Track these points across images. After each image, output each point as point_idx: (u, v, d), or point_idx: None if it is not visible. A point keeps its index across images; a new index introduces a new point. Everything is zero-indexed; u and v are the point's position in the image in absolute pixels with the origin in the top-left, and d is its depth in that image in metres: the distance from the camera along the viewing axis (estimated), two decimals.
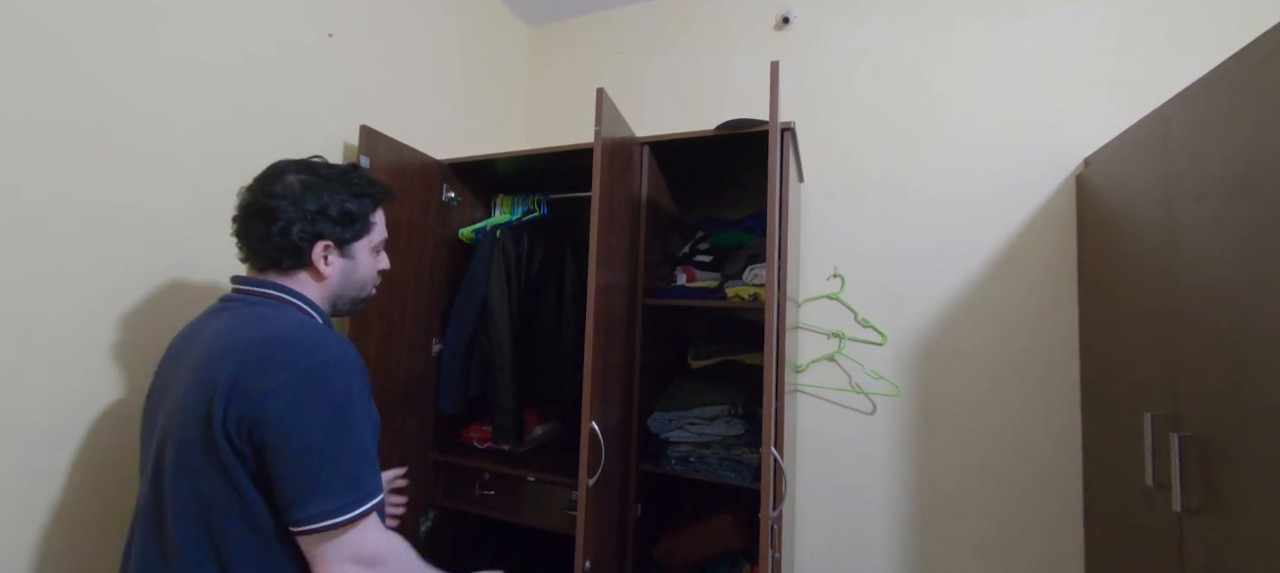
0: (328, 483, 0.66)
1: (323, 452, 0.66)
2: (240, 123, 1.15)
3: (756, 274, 1.33)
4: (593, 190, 1.10)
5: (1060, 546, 1.37)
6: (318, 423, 0.66)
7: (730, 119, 1.29)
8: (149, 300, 1.00)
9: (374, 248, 0.87)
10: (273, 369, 0.67)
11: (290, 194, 0.77)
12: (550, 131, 2.13)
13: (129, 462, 0.98)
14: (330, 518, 0.65)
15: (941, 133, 1.54)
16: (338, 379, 0.69)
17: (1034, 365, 1.43)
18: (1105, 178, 1.29)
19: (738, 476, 1.25)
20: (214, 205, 1.10)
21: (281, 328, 0.73)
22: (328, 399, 0.67)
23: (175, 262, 1.05)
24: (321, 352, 0.70)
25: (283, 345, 0.69)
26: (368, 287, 0.88)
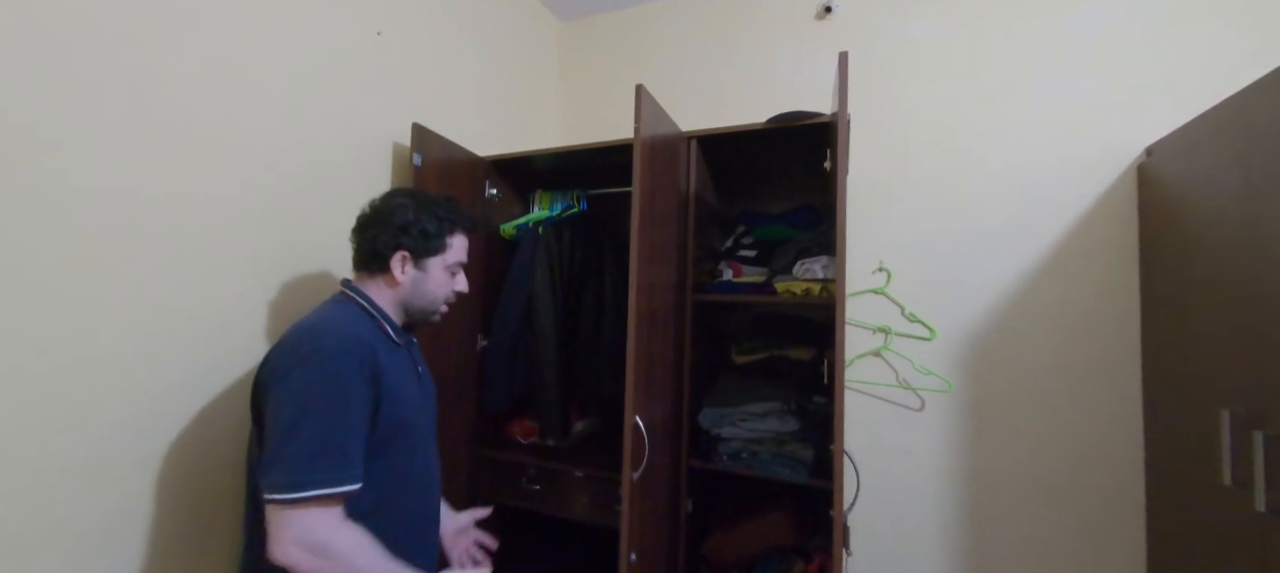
0: (279, 459, 0.72)
1: (286, 431, 0.73)
2: (294, 123, 1.16)
3: (809, 269, 1.32)
4: (633, 188, 1.09)
5: (1120, 547, 1.34)
6: (290, 401, 0.74)
7: (780, 112, 1.27)
8: (202, 288, 1.02)
9: (447, 267, 0.97)
10: (282, 347, 0.80)
11: (388, 210, 0.92)
12: (583, 127, 2.12)
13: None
14: (273, 492, 0.71)
15: (992, 124, 1.51)
16: (323, 367, 0.76)
17: (1091, 362, 1.39)
18: (1172, 168, 1.25)
19: (792, 471, 1.24)
20: (270, 202, 1.12)
21: (319, 318, 0.85)
22: (306, 382, 0.75)
23: (234, 259, 1.06)
24: (321, 339, 0.78)
25: (302, 330, 0.81)
26: (438, 301, 0.97)
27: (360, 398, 0.78)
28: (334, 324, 0.83)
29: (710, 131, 1.34)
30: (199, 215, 0.99)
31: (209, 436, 1.02)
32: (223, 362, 1.03)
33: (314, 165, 1.20)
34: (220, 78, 1.02)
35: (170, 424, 0.96)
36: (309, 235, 1.19)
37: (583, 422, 1.74)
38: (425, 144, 1.36)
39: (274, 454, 0.73)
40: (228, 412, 1.04)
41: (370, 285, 0.93)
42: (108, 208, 0.87)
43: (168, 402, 0.96)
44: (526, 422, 1.68)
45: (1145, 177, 1.35)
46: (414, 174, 1.32)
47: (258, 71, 1.08)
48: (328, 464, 0.73)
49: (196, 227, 0.99)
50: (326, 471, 0.73)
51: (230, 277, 1.04)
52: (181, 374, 0.97)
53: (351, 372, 0.77)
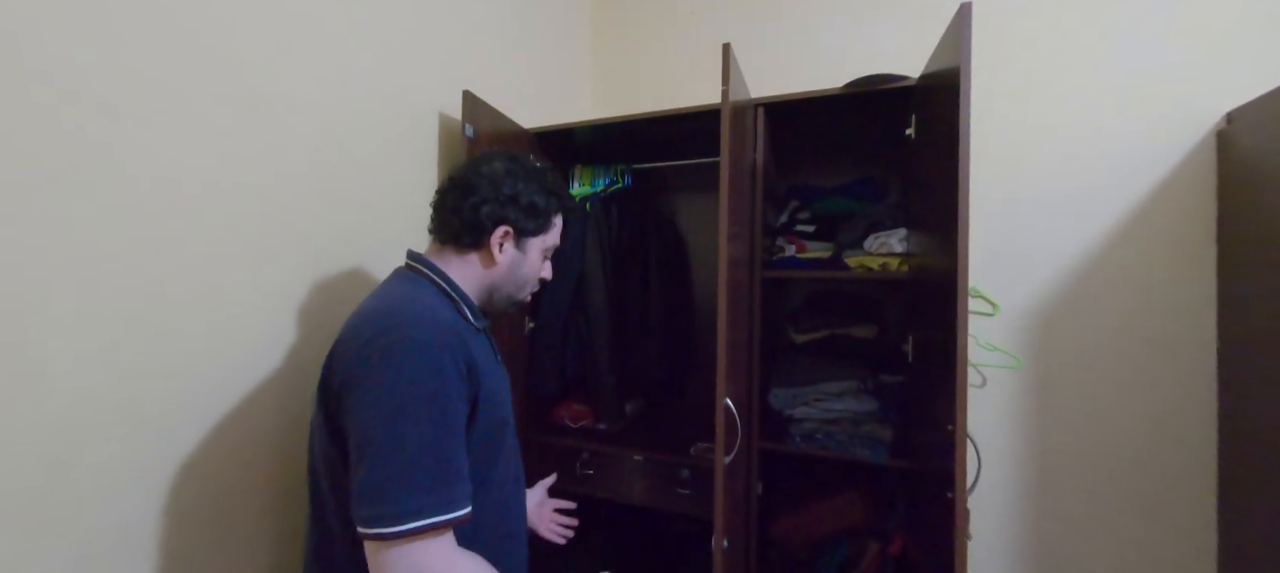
0: (378, 484, 0.59)
1: (382, 447, 0.60)
2: (340, 91, 1.06)
3: (884, 242, 1.26)
4: (722, 157, 1.02)
5: (1190, 529, 1.33)
6: (381, 407, 0.61)
7: (862, 76, 1.20)
8: (263, 272, 0.94)
9: (544, 250, 0.86)
10: (356, 337, 0.66)
11: (493, 176, 0.78)
12: (617, 99, 2.03)
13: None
14: (375, 525, 0.59)
15: (1067, 88, 1.45)
16: (410, 361, 0.62)
17: (1161, 337, 1.37)
18: (1258, 134, 1.21)
19: (872, 452, 1.20)
20: (318, 174, 1.03)
21: (395, 302, 0.70)
22: (398, 382, 0.61)
23: (291, 235, 0.98)
24: (404, 329, 0.64)
25: (379, 315, 0.68)
26: (528, 287, 0.86)
27: (459, 399, 0.66)
28: (415, 307, 0.68)
29: (781, 98, 1.27)
30: (245, 182, 0.90)
31: (239, 436, 0.93)
32: (264, 353, 0.95)
33: (361, 132, 1.11)
34: (270, 29, 0.92)
35: (196, 426, 0.85)
36: (355, 208, 1.10)
37: (632, 403, 1.69)
38: (477, 114, 1.27)
39: (370, 477, 0.59)
40: (267, 407, 0.96)
41: (453, 262, 0.79)
42: (154, 175, 0.78)
43: (199, 397, 0.85)
44: (575, 405, 1.63)
45: (1225, 144, 1.31)
46: (466, 146, 1.23)
47: (306, 27, 0.98)
48: (441, 484, 0.61)
49: (240, 195, 0.90)
50: (440, 491, 0.61)
51: (274, 251, 0.96)
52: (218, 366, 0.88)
53: (449, 366, 0.64)
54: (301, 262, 1.00)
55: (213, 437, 0.86)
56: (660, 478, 1.41)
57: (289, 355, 0.99)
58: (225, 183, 0.87)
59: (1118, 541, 1.40)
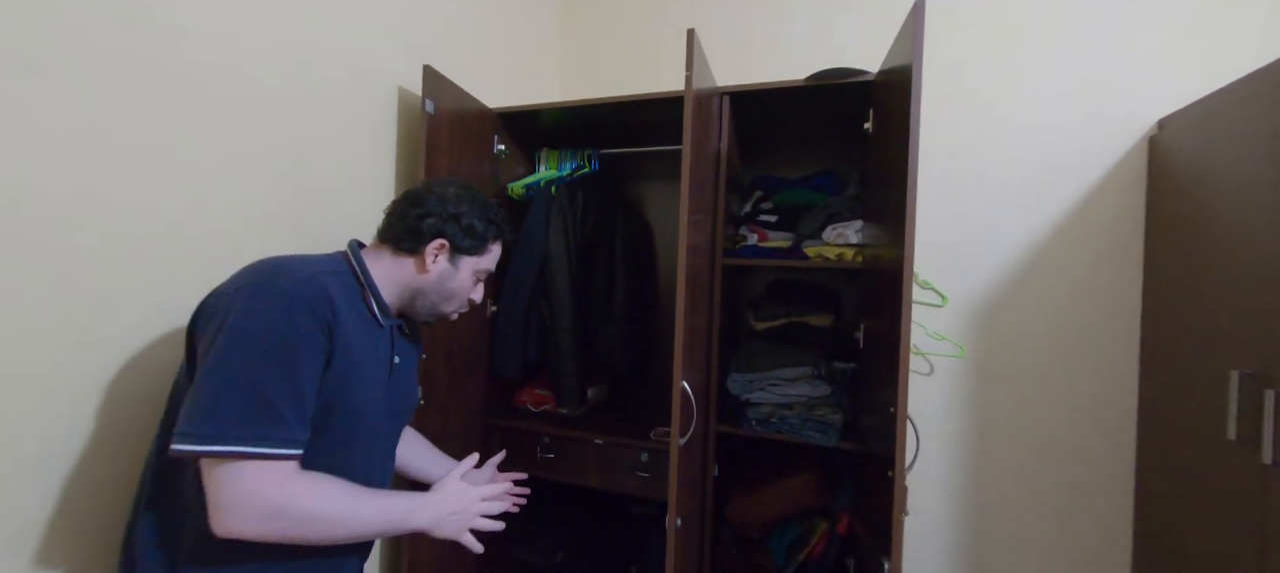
0: (194, 402, 0.61)
1: (209, 371, 0.62)
2: (295, 65, 1.02)
3: (841, 234, 1.30)
4: (685, 144, 1.03)
5: (1108, 500, 1.44)
6: (220, 341, 0.63)
7: (824, 69, 1.22)
8: (213, 249, 0.90)
9: (476, 272, 0.88)
10: (230, 284, 0.68)
11: (443, 196, 0.84)
12: (585, 82, 2.01)
13: None
14: (176, 441, 0.60)
15: (1013, 91, 1.52)
16: (263, 304, 0.64)
17: (1090, 325, 1.46)
18: (1187, 140, 1.29)
19: (824, 436, 1.25)
20: (272, 149, 0.99)
21: (282, 260, 0.72)
22: (240, 321, 0.63)
23: (243, 211, 0.94)
24: (272, 279, 0.66)
25: (258, 269, 0.69)
26: (454, 302, 0.87)
27: (308, 353, 0.66)
28: (295, 268, 0.70)
29: (745, 88, 1.28)
30: (188, 152, 0.86)
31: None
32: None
33: (317, 106, 1.07)
34: (214, 10, 0.87)
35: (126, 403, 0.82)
36: (309, 184, 1.06)
37: (593, 390, 1.70)
38: (438, 91, 1.23)
39: (198, 396, 0.61)
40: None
41: (384, 260, 0.81)
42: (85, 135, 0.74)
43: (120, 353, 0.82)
44: (537, 390, 1.63)
45: (1156, 149, 1.40)
46: (426, 123, 1.20)
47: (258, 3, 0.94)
48: (263, 420, 0.62)
49: (183, 164, 0.86)
50: (260, 426, 0.62)
51: (224, 222, 0.92)
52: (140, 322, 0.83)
53: (302, 318, 0.65)
54: (254, 237, 0.96)
55: (142, 412, 0.82)
56: (620, 462, 1.43)
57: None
58: (174, 155, 0.82)
59: (1043, 513, 1.50)
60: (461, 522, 0.82)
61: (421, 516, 0.77)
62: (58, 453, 0.74)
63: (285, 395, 0.64)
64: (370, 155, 1.21)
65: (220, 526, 0.62)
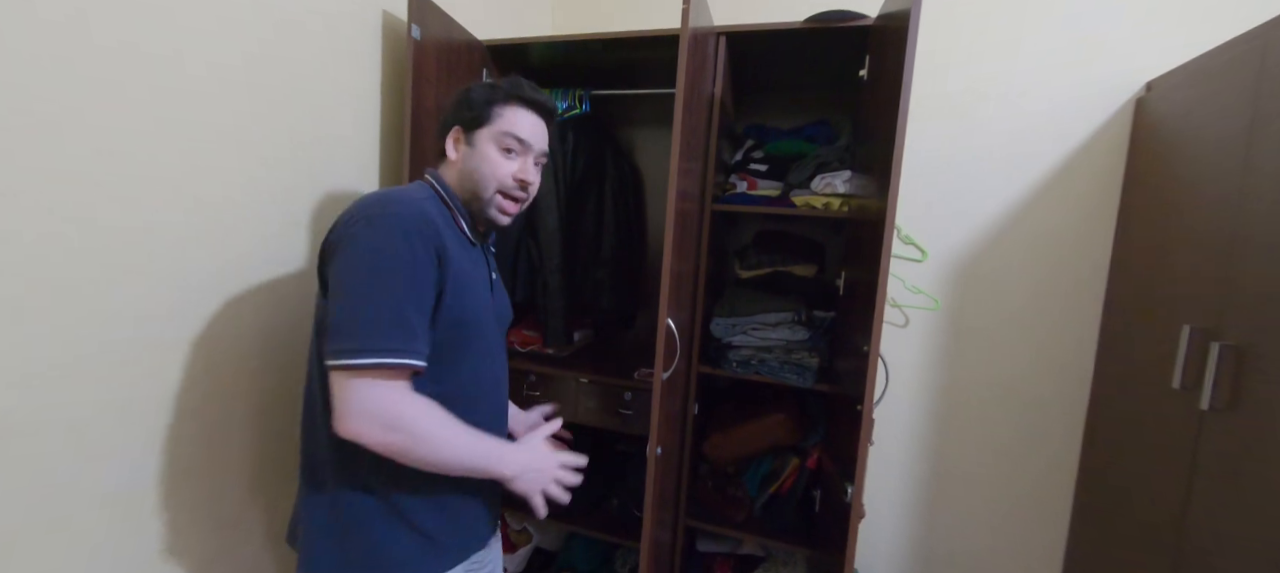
0: (344, 324, 0.68)
1: (352, 294, 0.69)
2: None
3: (829, 183, 1.32)
4: (678, 87, 1.02)
5: (1064, 445, 1.54)
6: (355, 264, 0.69)
7: (822, 11, 1.20)
8: (218, 163, 0.88)
9: (497, 142, 0.83)
10: (349, 212, 0.74)
11: (459, 92, 0.87)
12: (577, 18, 1.93)
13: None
14: (337, 358, 0.67)
15: (1008, 47, 1.51)
16: (391, 232, 0.70)
17: (1064, 283, 1.52)
18: (1171, 103, 1.31)
19: (800, 378, 1.31)
20: (254, 70, 0.96)
21: (390, 191, 0.77)
22: (370, 246, 0.69)
23: (228, 138, 0.91)
24: (389, 207, 0.72)
25: (372, 200, 0.74)
26: (488, 184, 0.83)
27: (426, 274, 0.71)
28: (405, 195, 0.76)
29: (743, 28, 1.25)
30: (154, 75, 0.83)
31: (210, 339, 0.92)
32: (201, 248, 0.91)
33: (298, 27, 1.02)
34: None
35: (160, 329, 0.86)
36: (296, 108, 1.04)
37: (581, 332, 1.74)
38: (424, 15, 1.19)
39: (339, 318, 0.68)
40: (228, 311, 0.94)
41: (444, 172, 0.86)
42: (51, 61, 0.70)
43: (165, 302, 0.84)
44: (524, 330, 1.65)
45: (1142, 111, 1.42)
46: (412, 49, 1.16)
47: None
48: (398, 334, 0.68)
49: (149, 90, 0.83)
50: (397, 339, 0.68)
51: (211, 154, 0.90)
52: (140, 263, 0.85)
53: (419, 246, 0.71)
54: (241, 165, 0.95)
55: (182, 341, 0.83)
56: (604, 399, 1.48)
57: (239, 259, 0.96)
58: (152, 84, 0.79)
59: (1001, 455, 1.61)
60: (537, 481, 0.82)
61: (510, 463, 0.79)
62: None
63: (414, 311, 0.70)
64: (355, 79, 1.17)
65: (345, 427, 0.67)
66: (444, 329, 0.75)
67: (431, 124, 1.25)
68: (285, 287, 1.06)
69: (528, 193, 0.87)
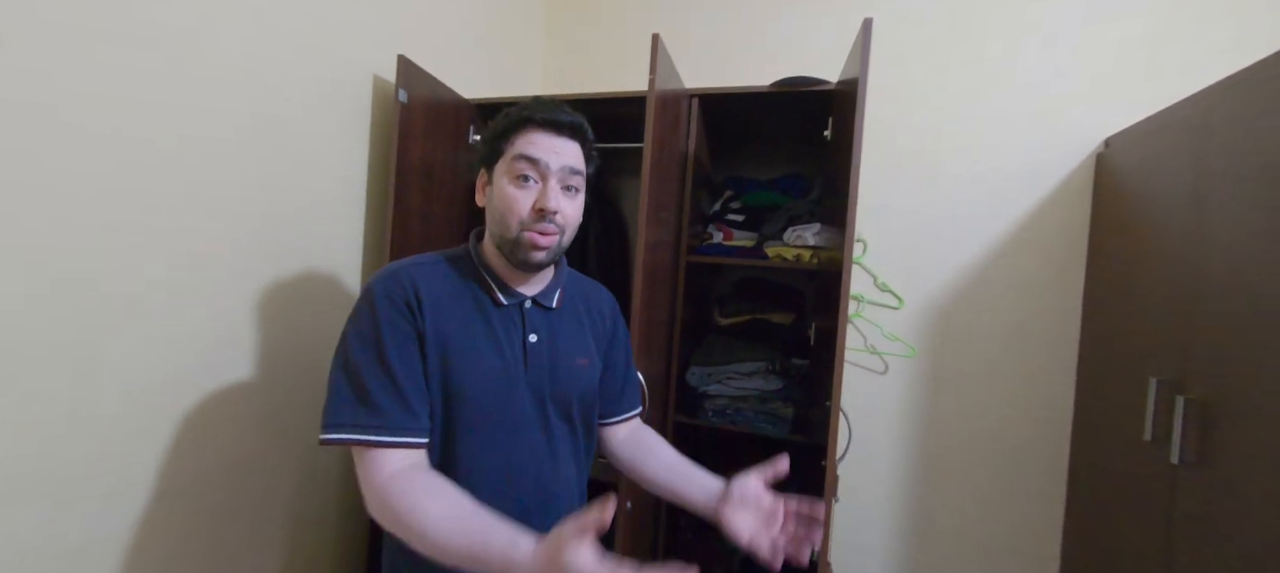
0: (326, 401, 0.67)
1: (331, 370, 0.68)
2: (270, 46, 1.04)
3: (800, 235, 1.35)
4: (645, 143, 1.07)
5: (1047, 497, 1.52)
6: (338, 345, 0.69)
7: (784, 77, 1.27)
8: (204, 233, 0.93)
9: (510, 173, 0.71)
10: None
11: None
12: (569, 76, 2.04)
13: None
14: (322, 433, 0.66)
15: (976, 104, 1.58)
16: (360, 303, 0.70)
17: (1038, 334, 1.54)
18: (1128, 158, 1.36)
19: (774, 428, 1.31)
20: (251, 138, 1.02)
21: (404, 259, 0.76)
22: (348, 326, 0.69)
23: (216, 199, 0.96)
24: (374, 279, 0.71)
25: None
26: (510, 222, 0.71)
27: (398, 337, 0.67)
28: (407, 261, 0.74)
29: (713, 91, 1.33)
30: (163, 144, 0.88)
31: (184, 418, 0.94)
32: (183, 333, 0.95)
33: (291, 94, 1.09)
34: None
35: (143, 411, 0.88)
36: (286, 172, 1.09)
37: None
38: (411, 80, 1.26)
39: (327, 394, 0.68)
40: (211, 384, 0.96)
41: (486, 227, 0.79)
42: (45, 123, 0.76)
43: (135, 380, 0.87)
44: None
45: (1102, 165, 1.47)
46: (399, 112, 1.23)
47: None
48: (361, 407, 0.65)
49: (160, 159, 0.88)
50: (361, 413, 0.64)
51: (197, 218, 0.95)
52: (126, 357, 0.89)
53: (381, 301, 0.68)
54: (228, 228, 0.99)
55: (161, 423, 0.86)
56: None
57: (229, 329, 0.99)
58: (145, 142, 0.85)
59: (986, 503, 1.58)
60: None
61: (523, 567, 0.57)
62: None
63: (378, 383, 0.65)
64: (346, 143, 1.23)
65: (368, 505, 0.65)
66: (435, 400, 0.70)
67: (418, 181, 1.31)
68: (276, 353, 1.09)
69: (558, 222, 0.72)
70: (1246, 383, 0.93)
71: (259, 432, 1.07)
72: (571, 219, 0.74)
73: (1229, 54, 1.25)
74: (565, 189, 0.73)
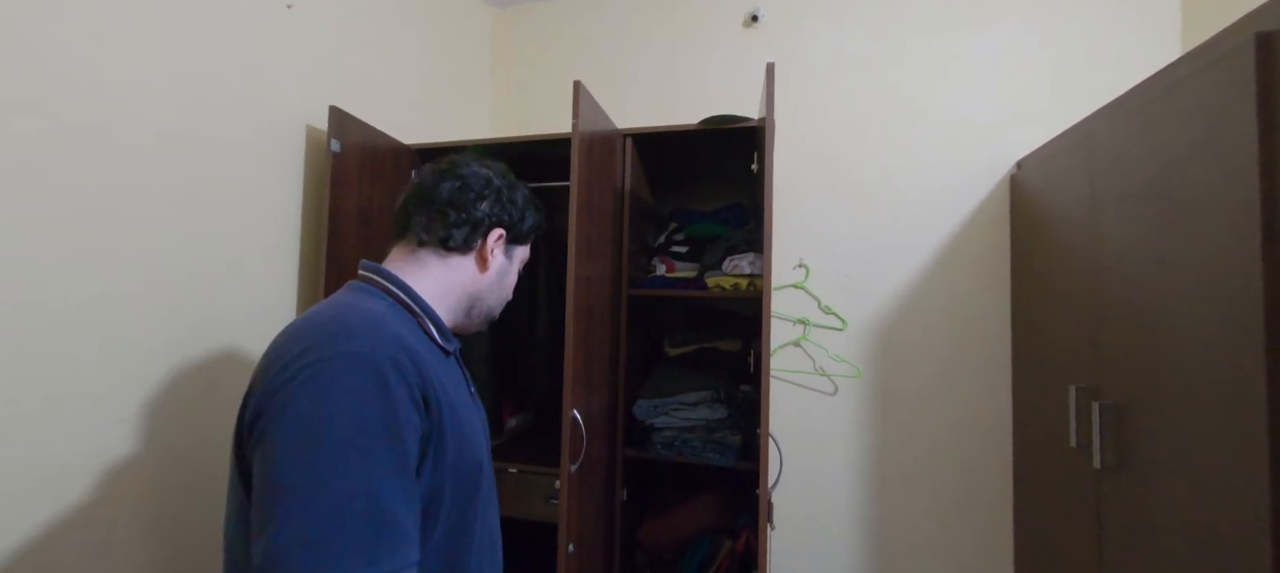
0: (273, 550, 0.44)
1: (286, 494, 0.45)
2: (199, 104, 1.05)
3: (736, 265, 1.39)
4: (572, 183, 1.10)
5: (997, 508, 1.55)
6: (288, 444, 0.47)
7: (712, 115, 1.33)
8: (122, 295, 0.90)
9: (520, 261, 0.77)
10: (279, 360, 0.52)
11: (493, 175, 0.72)
12: (517, 119, 2.08)
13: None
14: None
15: (901, 134, 1.67)
16: (343, 379, 0.49)
17: (974, 348, 1.60)
18: (1036, 179, 1.46)
19: (722, 457, 1.31)
20: (180, 194, 1.01)
21: (336, 311, 0.57)
22: (312, 409, 0.48)
23: (147, 255, 0.94)
24: (338, 342, 0.51)
25: (311, 329, 0.54)
26: (499, 307, 0.75)
27: (410, 431, 0.52)
28: (357, 316, 0.55)
29: (645, 131, 1.38)
30: (76, 197, 0.87)
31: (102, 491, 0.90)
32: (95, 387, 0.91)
33: (221, 146, 1.09)
34: (109, 37, 0.90)
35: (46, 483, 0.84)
36: (218, 224, 1.08)
37: (516, 418, 1.72)
38: (344, 129, 1.27)
39: (279, 539, 0.44)
40: (133, 456, 0.92)
41: (430, 270, 0.67)
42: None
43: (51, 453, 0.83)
44: None
45: (1016, 186, 1.56)
46: (332, 161, 1.24)
47: (153, 33, 0.96)
48: (382, 544, 0.46)
49: (73, 209, 0.86)
50: (380, 554, 0.46)
51: (116, 270, 0.92)
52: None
53: (397, 386, 0.51)
54: (157, 282, 0.97)
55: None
56: (532, 491, 1.45)
57: (154, 398, 0.96)
58: (42, 201, 0.83)
59: (938, 516, 1.60)
60: None
61: None
62: None
63: (403, 497, 0.49)
64: (279, 193, 1.23)
65: None
66: (451, 485, 0.57)
67: (354, 227, 1.31)
68: (201, 424, 1.05)
69: None
70: (1150, 386, 0.98)
71: (161, 507, 1.01)
72: None
73: (1112, 78, 1.37)
74: None
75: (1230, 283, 0.79)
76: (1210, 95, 0.83)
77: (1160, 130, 0.95)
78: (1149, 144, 0.99)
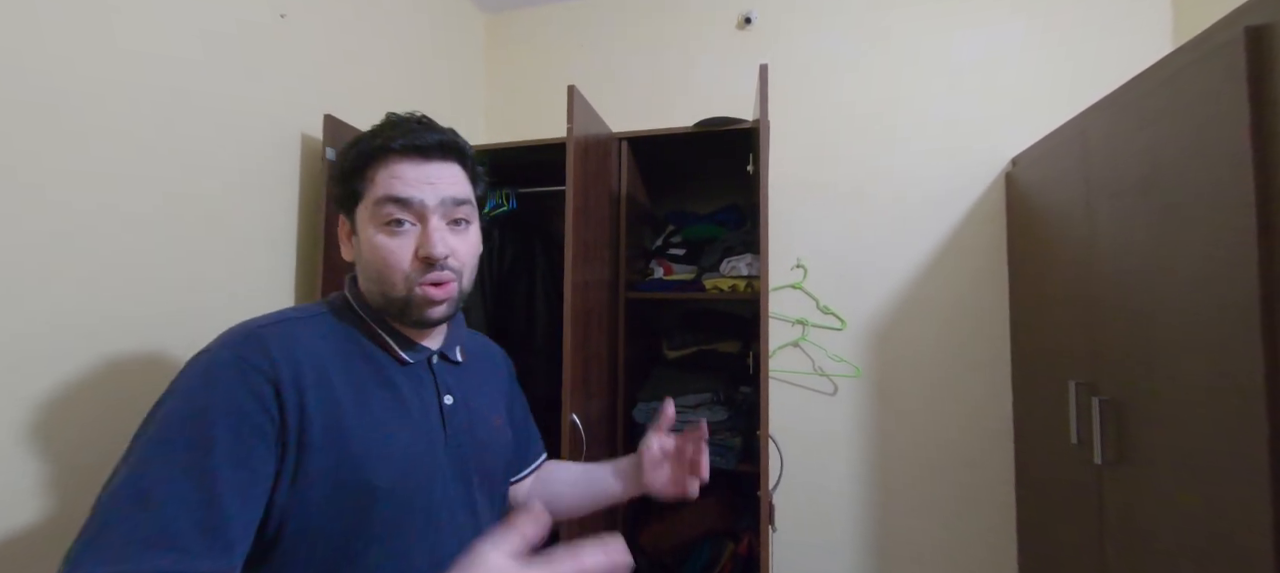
0: (85, 523, 0.44)
1: (113, 473, 0.46)
2: (193, 114, 1.04)
3: (734, 266, 1.39)
4: (567, 188, 1.10)
5: (999, 504, 1.55)
6: (137, 435, 0.48)
7: (707, 117, 1.33)
8: (116, 305, 0.90)
9: (376, 220, 0.57)
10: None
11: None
12: (511, 124, 2.08)
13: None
14: (63, 563, 0.42)
15: (895, 133, 1.68)
16: (181, 381, 0.49)
17: (973, 345, 1.60)
18: (1031, 176, 1.46)
19: (722, 459, 1.31)
20: (179, 206, 1.00)
21: (255, 318, 0.57)
22: (161, 403, 0.49)
23: (145, 266, 0.94)
24: (211, 348, 0.52)
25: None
26: (393, 280, 0.57)
27: (239, 430, 0.47)
28: (258, 319, 0.55)
29: (640, 133, 1.38)
30: (68, 219, 0.86)
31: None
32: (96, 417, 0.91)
33: (217, 158, 1.08)
34: (93, 55, 0.89)
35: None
36: (214, 236, 1.07)
37: None
38: (338, 137, 1.27)
39: (91, 515, 0.44)
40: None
41: (359, 278, 0.63)
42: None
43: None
44: None
45: (1011, 184, 1.57)
46: (326, 169, 1.23)
47: (146, 42, 0.96)
48: (134, 545, 0.42)
49: (63, 234, 0.86)
50: (131, 555, 0.41)
51: (111, 279, 0.92)
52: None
53: (233, 381, 0.48)
54: (151, 295, 0.96)
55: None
56: None
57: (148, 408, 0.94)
58: (64, 217, 0.83)
59: (940, 514, 1.60)
60: None
61: None
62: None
63: (187, 500, 0.44)
64: (274, 204, 1.22)
65: None
66: (325, 507, 0.50)
67: None
68: None
69: (452, 266, 0.59)
70: (1148, 381, 0.98)
71: None
72: (467, 258, 0.61)
73: (1106, 75, 1.37)
74: (452, 225, 0.60)
75: (1225, 275, 0.79)
76: (1202, 89, 0.84)
77: (1153, 125, 0.96)
78: (1142, 139, 0.99)
